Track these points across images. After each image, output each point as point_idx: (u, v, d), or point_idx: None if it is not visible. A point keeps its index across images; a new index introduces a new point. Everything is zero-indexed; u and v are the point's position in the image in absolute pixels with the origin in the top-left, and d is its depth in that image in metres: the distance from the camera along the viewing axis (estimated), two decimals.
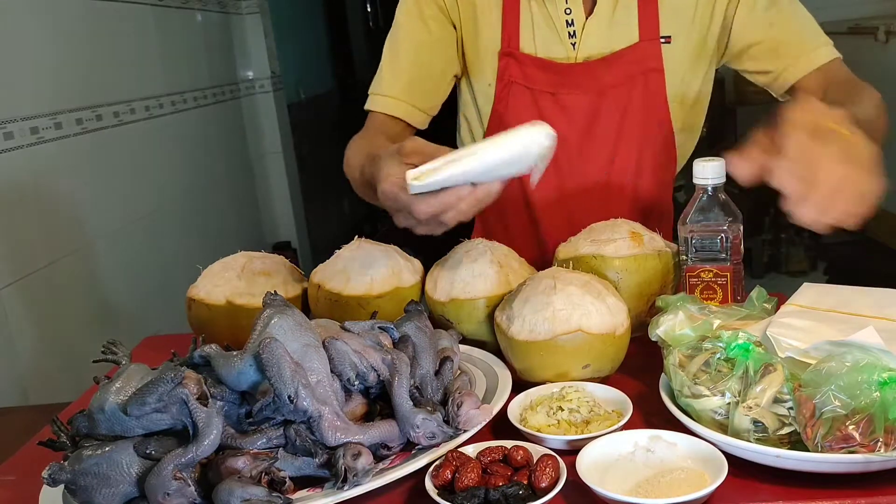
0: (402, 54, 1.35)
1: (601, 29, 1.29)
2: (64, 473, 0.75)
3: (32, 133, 2.05)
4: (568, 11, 1.29)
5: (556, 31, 1.30)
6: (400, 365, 0.84)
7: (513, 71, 1.32)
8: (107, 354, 0.86)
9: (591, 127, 1.32)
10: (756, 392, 0.77)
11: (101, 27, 2.47)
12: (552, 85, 1.32)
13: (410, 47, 1.35)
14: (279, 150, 3.93)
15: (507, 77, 1.33)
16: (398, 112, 1.35)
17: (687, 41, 1.29)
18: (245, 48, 3.78)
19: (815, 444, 0.72)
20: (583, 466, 0.75)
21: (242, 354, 0.79)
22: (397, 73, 1.36)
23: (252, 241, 3.10)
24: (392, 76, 1.36)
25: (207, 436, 0.73)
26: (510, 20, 1.31)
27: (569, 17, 1.29)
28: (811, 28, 1.28)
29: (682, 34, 1.29)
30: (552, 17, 1.29)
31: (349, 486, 0.74)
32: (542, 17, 1.30)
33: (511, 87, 1.33)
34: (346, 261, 1.13)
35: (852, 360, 0.74)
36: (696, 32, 1.29)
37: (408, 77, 1.35)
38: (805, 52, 1.25)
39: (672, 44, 1.29)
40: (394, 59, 1.36)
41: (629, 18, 1.28)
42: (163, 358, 0.88)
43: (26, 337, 1.92)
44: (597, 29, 1.29)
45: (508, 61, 1.32)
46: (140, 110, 2.69)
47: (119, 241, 2.44)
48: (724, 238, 1.01)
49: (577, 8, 1.28)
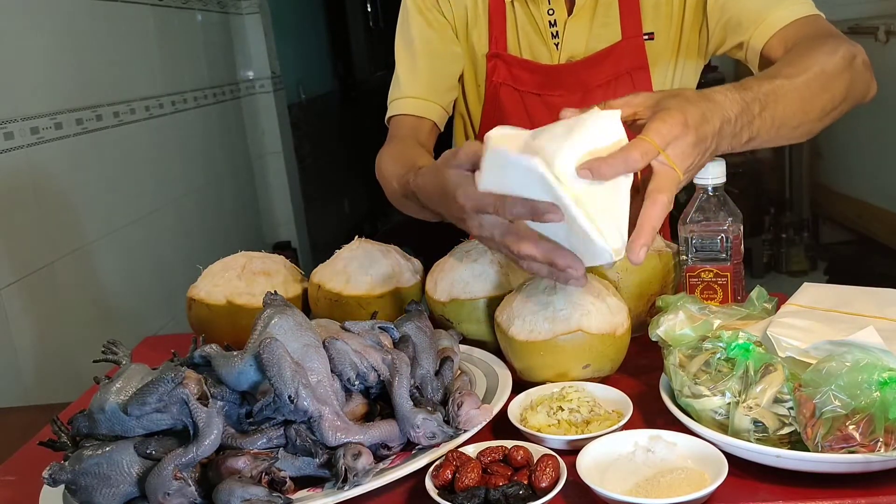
0: (418, 55, 1.34)
1: (583, 28, 1.29)
2: (64, 473, 0.75)
3: (32, 133, 2.05)
4: (551, 12, 1.29)
5: (540, 31, 1.30)
6: (400, 365, 0.84)
7: (501, 72, 1.33)
8: (107, 354, 0.86)
9: None
10: (756, 392, 0.77)
11: (101, 27, 2.47)
12: (538, 86, 1.32)
13: (423, 47, 1.34)
14: (279, 150, 3.93)
15: (495, 78, 1.33)
16: (425, 112, 1.34)
17: (668, 37, 1.29)
18: (245, 48, 3.78)
19: (816, 444, 0.72)
20: (583, 466, 0.75)
21: (243, 354, 0.79)
22: (416, 74, 1.34)
23: (252, 241, 3.10)
24: (412, 77, 1.35)
25: (208, 436, 0.73)
26: (496, 22, 1.31)
27: (552, 18, 1.29)
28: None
29: (663, 30, 1.29)
30: (535, 18, 1.29)
31: (349, 486, 0.74)
32: (527, 18, 1.30)
33: (500, 89, 1.34)
34: (346, 261, 1.13)
35: (852, 359, 0.74)
36: (675, 27, 1.29)
37: (427, 76, 1.34)
38: (763, 17, 1.17)
39: (655, 40, 1.29)
40: (410, 60, 1.35)
41: (611, 17, 1.28)
42: (163, 358, 0.88)
43: (26, 337, 1.92)
44: (578, 28, 1.28)
45: (496, 62, 1.33)
46: (140, 110, 2.69)
47: (119, 241, 2.44)
48: (724, 238, 1.01)
49: (560, 8, 1.28)
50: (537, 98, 1.32)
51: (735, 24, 1.21)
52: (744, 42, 1.20)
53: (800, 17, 1.15)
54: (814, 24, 1.16)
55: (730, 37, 1.23)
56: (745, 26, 1.20)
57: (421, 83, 1.34)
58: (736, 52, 1.24)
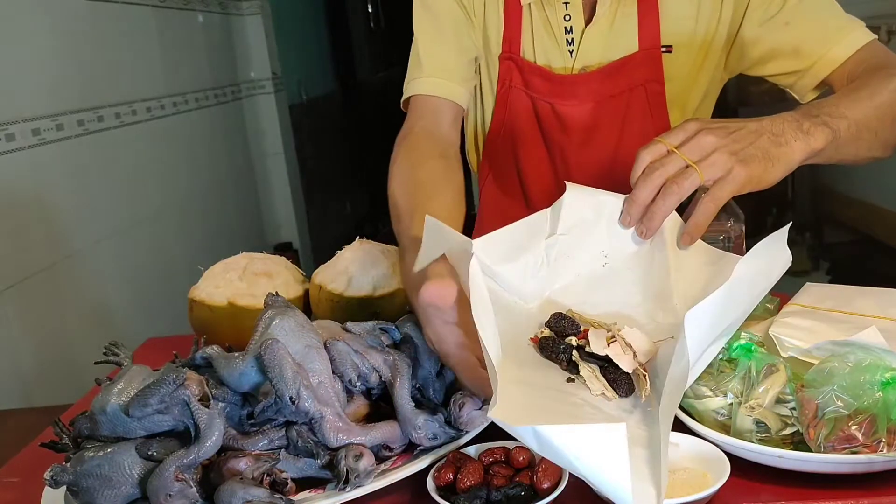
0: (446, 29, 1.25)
1: (600, 37, 1.25)
2: (66, 475, 0.75)
3: (34, 134, 2.05)
4: (567, 18, 1.25)
5: (555, 38, 1.26)
6: (401, 366, 0.84)
7: (514, 76, 1.30)
8: (108, 356, 0.86)
9: (590, 137, 1.30)
10: (758, 392, 0.77)
11: (102, 28, 2.48)
12: (549, 94, 1.29)
13: (451, 24, 1.25)
14: (281, 151, 3.93)
15: (507, 81, 1.31)
16: (451, 94, 1.24)
17: (689, 51, 1.26)
18: (246, 49, 3.78)
19: (818, 445, 0.72)
20: None
21: (244, 356, 0.79)
22: (443, 49, 1.25)
23: (253, 242, 3.10)
24: (437, 52, 1.25)
25: (209, 437, 0.73)
26: (512, 24, 1.28)
27: (568, 25, 1.25)
28: (833, 17, 1.17)
29: (683, 44, 1.25)
30: (552, 23, 1.26)
31: (351, 487, 0.74)
32: (542, 23, 1.27)
33: (511, 92, 1.31)
34: (347, 262, 1.12)
35: (855, 360, 0.73)
36: (699, 42, 1.26)
37: (455, 54, 1.25)
38: (828, 47, 1.15)
39: (673, 53, 1.25)
40: (435, 34, 1.26)
41: (629, 27, 1.25)
42: (164, 359, 0.88)
43: (28, 338, 1.92)
44: (596, 37, 1.25)
45: (509, 65, 1.30)
46: (141, 111, 2.69)
47: (120, 243, 2.44)
48: (726, 238, 1.00)
49: (577, 15, 1.25)
50: (548, 106, 1.29)
51: (790, 50, 1.18)
52: (802, 70, 1.18)
53: (863, 45, 1.15)
54: (873, 51, 1.15)
55: (779, 61, 1.20)
56: (805, 54, 1.17)
57: (448, 61, 1.25)
58: (783, 78, 1.22)
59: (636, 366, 0.79)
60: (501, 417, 0.64)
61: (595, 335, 0.81)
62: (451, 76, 1.25)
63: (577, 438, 0.62)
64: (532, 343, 0.86)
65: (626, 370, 0.78)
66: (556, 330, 0.84)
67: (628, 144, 1.30)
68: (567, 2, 1.24)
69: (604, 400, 0.79)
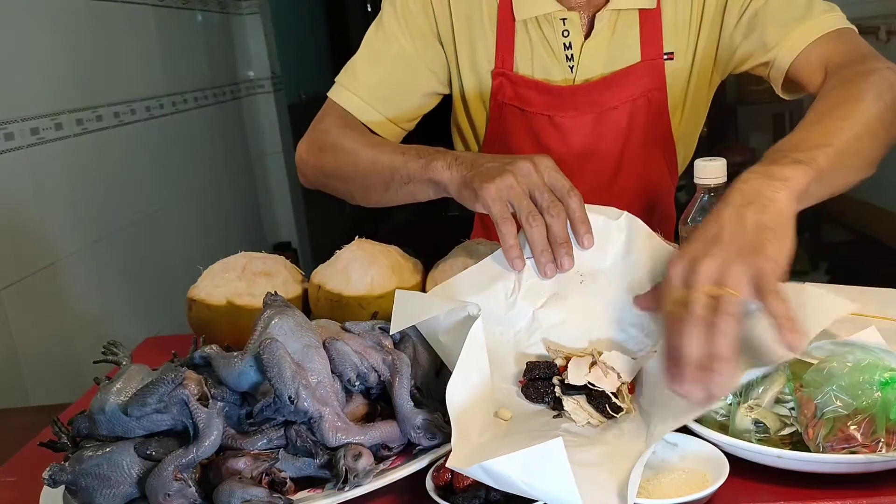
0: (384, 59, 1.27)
1: (600, 51, 1.23)
2: (64, 474, 0.75)
3: (33, 133, 2.05)
4: (566, 34, 1.23)
5: (554, 53, 1.24)
6: (401, 365, 0.84)
7: (506, 91, 1.28)
8: (107, 355, 0.86)
9: (591, 148, 1.28)
10: (757, 392, 0.77)
11: (101, 27, 2.47)
12: (548, 107, 1.26)
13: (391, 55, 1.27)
14: (279, 151, 3.93)
15: (500, 97, 1.28)
16: (367, 117, 1.28)
17: (688, 54, 1.25)
18: (245, 48, 3.78)
19: (817, 445, 0.72)
20: None
21: (243, 355, 0.79)
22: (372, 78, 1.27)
23: (252, 242, 3.10)
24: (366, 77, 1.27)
25: (208, 436, 0.73)
26: (504, 41, 1.25)
27: (566, 40, 1.23)
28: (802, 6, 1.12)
29: (683, 48, 1.24)
30: (549, 40, 1.24)
31: (350, 486, 0.74)
32: (539, 39, 1.24)
33: (504, 108, 1.29)
34: (346, 261, 1.12)
35: (854, 360, 0.73)
36: (694, 44, 1.25)
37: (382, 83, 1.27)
38: (789, 32, 1.10)
39: (675, 59, 1.24)
40: (372, 59, 1.28)
41: (630, 38, 1.23)
42: (163, 359, 0.88)
43: (27, 337, 1.92)
44: (595, 51, 1.23)
45: (502, 81, 1.27)
46: (140, 111, 2.69)
47: (119, 242, 2.44)
48: None
49: (576, 30, 1.23)
50: (546, 119, 1.27)
51: (760, 43, 1.16)
52: (769, 62, 1.15)
53: (828, 31, 1.08)
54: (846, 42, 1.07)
55: (755, 55, 1.18)
56: (769, 45, 1.13)
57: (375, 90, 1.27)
58: (760, 70, 1.19)
59: (618, 384, 0.82)
60: (455, 465, 0.69)
61: (576, 364, 0.83)
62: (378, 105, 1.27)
63: (519, 463, 0.65)
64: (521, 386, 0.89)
65: (610, 390, 0.81)
66: (533, 378, 0.88)
67: (630, 155, 1.29)
68: (565, 17, 1.23)
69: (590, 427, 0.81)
